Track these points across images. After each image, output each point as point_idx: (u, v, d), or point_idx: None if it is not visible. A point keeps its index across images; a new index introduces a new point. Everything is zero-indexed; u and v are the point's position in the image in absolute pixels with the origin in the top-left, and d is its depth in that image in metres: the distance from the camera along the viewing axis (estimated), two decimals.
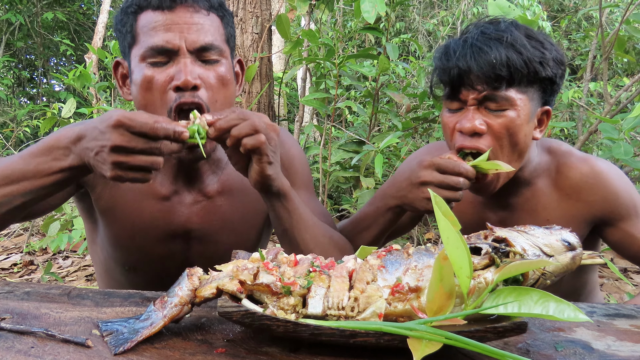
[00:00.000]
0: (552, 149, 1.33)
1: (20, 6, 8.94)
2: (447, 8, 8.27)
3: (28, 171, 0.95)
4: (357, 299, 0.77)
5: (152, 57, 1.06)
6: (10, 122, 7.71)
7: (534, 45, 1.16)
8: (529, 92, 1.17)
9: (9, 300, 0.92)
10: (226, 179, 1.26)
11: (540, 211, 1.30)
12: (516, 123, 1.16)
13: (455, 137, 1.21)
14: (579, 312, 0.71)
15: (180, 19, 1.05)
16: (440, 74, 1.21)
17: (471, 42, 1.17)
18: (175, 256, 1.25)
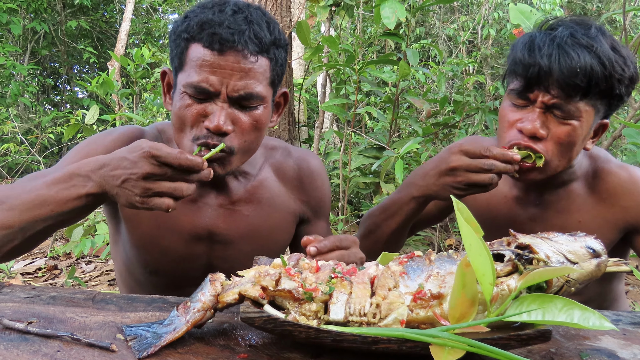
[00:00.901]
0: (592, 154, 1.32)
1: (45, 15, 9.10)
2: (468, 13, 8.24)
3: (49, 197, 0.97)
4: (379, 306, 0.77)
5: (192, 92, 1.08)
6: (35, 128, 7.84)
7: (617, 60, 1.11)
8: (597, 105, 1.14)
9: (36, 304, 0.93)
10: (254, 190, 1.28)
11: (573, 212, 1.29)
12: (577, 133, 1.14)
13: (511, 133, 1.18)
14: (605, 320, 0.70)
15: (227, 64, 1.05)
16: (518, 67, 1.16)
17: (559, 42, 1.12)
18: (197, 259, 1.27)
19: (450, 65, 4.65)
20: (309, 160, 1.37)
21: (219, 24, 1.05)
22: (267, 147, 1.35)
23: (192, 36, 1.07)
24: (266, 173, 1.31)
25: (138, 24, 10.10)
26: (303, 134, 4.84)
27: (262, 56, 1.09)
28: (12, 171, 6.82)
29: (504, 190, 1.36)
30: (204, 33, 1.05)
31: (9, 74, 8.00)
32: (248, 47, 1.06)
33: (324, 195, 1.39)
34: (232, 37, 1.04)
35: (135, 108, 5.37)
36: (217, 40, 1.04)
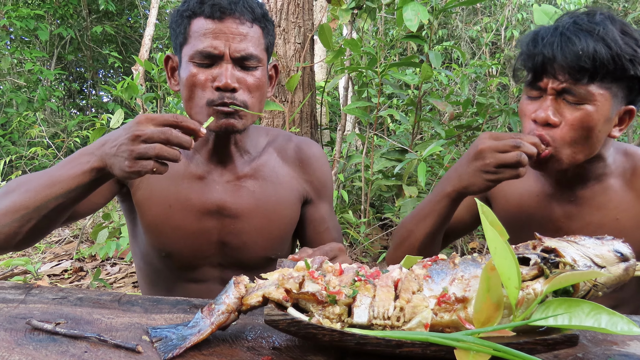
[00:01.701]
0: (629, 151, 1.30)
1: (71, 21, 9.25)
2: (491, 14, 8.17)
3: (59, 176, 1.06)
4: (403, 309, 0.77)
5: (199, 59, 1.21)
6: (61, 132, 7.97)
7: (627, 41, 1.11)
8: (613, 88, 1.13)
9: (63, 305, 0.95)
10: (258, 167, 1.37)
11: (611, 208, 1.26)
12: (593, 118, 1.13)
13: (527, 125, 1.20)
14: (633, 325, 0.69)
15: (227, 29, 1.20)
16: (525, 59, 1.19)
17: (561, 30, 1.14)
18: (208, 234, 1.33)
19: (473, 67, 4.61)
20: (309, 144, 1.47)
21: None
22: (270, 133, 1.46)
23: (194, 12, 1.22)
24: (269, 154, 1.40)
25: (162, 28, 10.21)
26: (325, 136, 4.84)
27: (255, 24, 1.24)
28: None
29: (537, 188, 1.34)
30: (205, 6, 1.20)
31: (36, 79, 8.15)
32: (244, 15, 1.21)
33: (325, 177, 1.47)
34: (229, 6, 1.20)
35: (159, 112, 5.43)
36: (218, 9, 1.19)
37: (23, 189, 1.09)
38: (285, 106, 3.37)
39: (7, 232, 1.08)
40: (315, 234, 1.44)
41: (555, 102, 1.15)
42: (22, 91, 8.01)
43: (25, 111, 7.29)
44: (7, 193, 1.11)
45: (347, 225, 3.55)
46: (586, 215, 1.27)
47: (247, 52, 1.21)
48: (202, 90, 1.21)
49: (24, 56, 7.99)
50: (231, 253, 1.34)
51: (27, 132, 6.44)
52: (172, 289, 1.38)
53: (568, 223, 1.29)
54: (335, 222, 1.50)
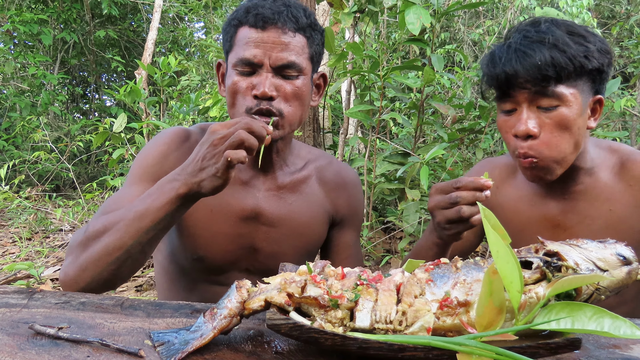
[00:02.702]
0: (614, 147, 1.35)
1: (75, 25, 9.28)
2: (493, 17, 8.17)
3: (145, 209, 1.09)
4: (405, 313, 0.77)
5: (240, 67, 1.24)
6: (64, 136, 8.00)
7: (577, 40, 1.18)
8: (579, 85, 1.19)
9: (66, 310, 0.95)
10: (298, 182, 1.41)
11: (603, 201, 1.30)
12: (569, 117, 1.18)
13: (512, 141, 1.24)
14: (636, 329, 0.69)
15: (269, 39, 1.22)
16: (489, 80, 1.25)
17: (515, 46, 1.20)
18: (243, 239, 1.35)
19: (475, 70, 4.61)
20: (348, 172, 1.51)
21: (261, 7, 1.23)
22: (312, 152, 1.49)
23: (240, 21, 1.25)
24: (310, 172, 1.44)
25: (165, 32, 10.24)
26: (328, 140, 4.84)
27: (299, 34, 1.25)
28: (42, 178, 6.96)
29: (530, 191, 1.38)
30: (250, 15, 1.23)
31: (39, 83, 8.18)
32: (287, 25, 1.23)
33: (357, 205, 1.51)
34: (272, 16, 1.22)
35: (162, 116, 5.44)
36: (260, 18, 1.22)
37: (112, 230, 1.09)
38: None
39: (107, 277, 1.10)
40: (337, 259, 1.47)
41: (531, 112, 1.20)
42: (25, 95, 8.04)
43: (28, 115, 7.32)
44: (96, 237, 1.11)
45: None
46: (581, 210, 1.31)
47: (288, 61, 1.23)
48: (243, 98, 1.24)
49: (28, 60, 8.03)
50: (261, 259, 1.37)
51: (31, 137, 6.46)
52: (193, 288, 1.39)
53: (565, 219, 1.33)
54: (359, 254, 1.52)
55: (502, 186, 1.44)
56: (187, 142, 1.33)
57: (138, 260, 1.13)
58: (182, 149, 1.32)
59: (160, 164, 1.29)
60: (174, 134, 1.34)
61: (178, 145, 1.32)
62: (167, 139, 1.33)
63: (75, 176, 6.57)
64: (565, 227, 1.33)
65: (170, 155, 1.30)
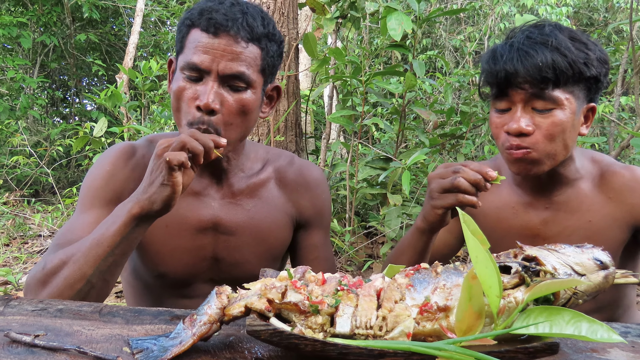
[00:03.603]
0: (596, 158, 1.37)
1: (55, 28, 9.18)
2: (474, 24, 8.25)
3: (102, 235, 1.07)
4: (385, 318, 0.77)
5: (187, 71, 1.18)
6: (44, 141, 7.90)
7: (578, 47, 1.20)
8: (575, 91, 1.21)
9: (43, 317, 0.94)
10: (255, 187, 1.36)
11: (583, 211, 1.32)
12: (563, 121, 1.20)
13: (501, 138, 1.25)
14: (613, 333, 0.69)
15: (220, 46, 1.16)
16: (488, 77, 1.26)
17: (517, 46, 1.21)
18: (203, 251, 1.32)
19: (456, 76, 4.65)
20: (311, 170, 1.44)
21: (216, 11, 1.16)
22: (271, 152, 1.43)
23: (193, 22, 1.19)
24: (268, 174, 1.39)
25: (146, 36, 10.17)
26: (310, 145, 4.85)
27: (253, 44, 1.18)
28: (21, 183, 6.86)
29: (513, 200, 1.39)
30: (203, 18, 1.17)
31: (18, 87, 8.07)
32: (240, 33, 1.16)
33: (322, 204, 1.45)
34: (226, 22, 1.15)
35: (143, 120, 5.40)
36: (213, 24, 1.15)
37: (70, 262, 1.07)
38: (270, 114, 3.37)
39: None
40: (305, 261, 1.43)
41: (525, 112, 1.21)
42: (4, 99, 7.93)
43: (7, 119, 7.21)
44: (55, 272, 1.09)
45: (331, 233, 3.55)
46: (561, 220, 1.33)
47: (237, 71, 1.17)
48: (187, 107, 1.18)
49: (6, 64, 7.91)
50: (224, 269, 1.34)
51: (9, 141, 6.37)
52: (160, 303, 1.37)
53: (545, 229, 1.35)
54: (328, 253, 1.47)
55: (485, 194, 1.44)
56: (132, 159, 1.29)
57: (102, 290, 1.11)
58: (128, 166, 1.28)
59: (108, 185, 1.26)
60: (118, 152, 1.30)
61: (124, 163, 1.28)
62: (112, 158, 1.29)
63: (55, 181, 6.50)
64: (545, 237, 1.35)
65: (117, 174, 1.27)
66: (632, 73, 3.25)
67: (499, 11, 7.34)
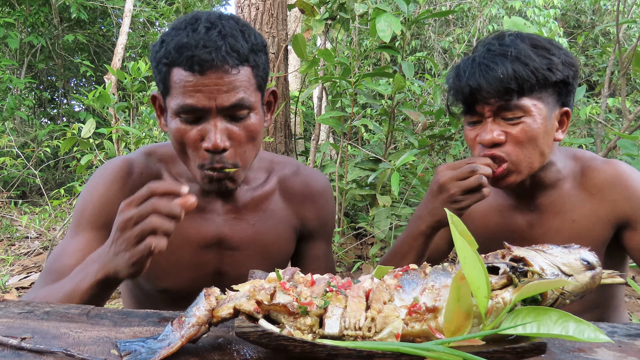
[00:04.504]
0: (577, 155, 1.38)
1: (42, 29, 9.12)
2: (463, 26, 8.29)
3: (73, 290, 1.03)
4: (374, 319, 0.77)
5: (184, 114, 1.10)
6: (31, 142, 7.84)
7: (540, 53, 1.20)
8: (543, 97, 1.21)
9: (30, 320, 0.93)
10: (259, 200, 1.32)
11: (566, 212, 1.33)
12: (533, 128, 1.21)
13: (477, 149, 1.26)
14: (600, 333, 0.70)
15: (211, 82, 1.07)
16: (455, 94, 1.27)
17: (479, 60, 1.22)
18: (206, 266, 1.29)
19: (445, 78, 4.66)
20: (317, 180, 1.40)
21: (195, 46, 1.05)
22: (276, 161, 1.39)
23: (172, 61, 1.08)
24: (272, 185, 1.35)
25: (135, 37, 10.13)
26: (299, 146, 4.84)
27: (242, 66, 1.10)
28: (8, 185, 6.81)
29: (498, 203, 1.41)
30: (182, 57, 1.06)
31: (5, 88, 8.00)
32: (227, 62, 1.07)
33: (326, 216, 1.42)
34: (210, 56, 1.05)
35: (132, 121, 5.38)
36: (197, 62, 1.05)
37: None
38: None
39: None
40: (306, 271, 1.38)
41: (495, 123, 1.22)
42: None
43: None
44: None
45: None
46: (545, 222, 1.35)
47: (237, 100, 1.09)
48: (193, 150, 1.12)
49: None
50: (227, 283, 1.29)
51: None
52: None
53: (530, 231, 1.36)
54: (330, 263, 1.45)
55: None
56: (129, 179, 1.24)
57: None
58: (125, 188, 1.23)
59: (102, 210, 1.21)
60: (113, 173, 1.24)
61: (120, 185, 1.23)
62: (107, 180, 1.24)
63: (42, 182, 6.45)
64: (531, 239, 1.35)
65: (112, 198, 1.22)
66: (618, 75, 3.28)
67: (487, 13, 7.37)
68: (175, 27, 1.11)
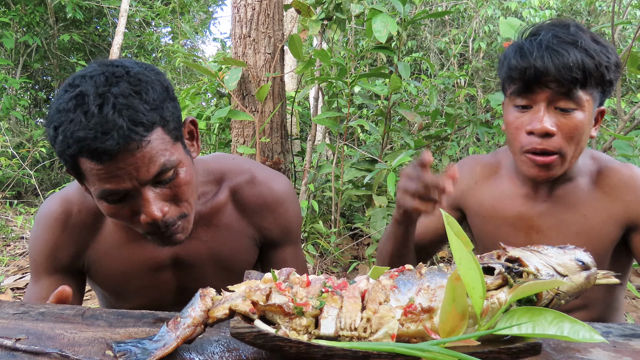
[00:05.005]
0: (595, 155, 1.39)
1: (38, 29, 9.09)
2: (459, 26, 8.30)
3: None
4: (370, 320, 0.77)
5: (110, 197, 1.02)
6: (26, 142, 7.82)
7: (601, 49, 1.21)
8: (594, 93, 1.22)
9: (24, 320, 0.93)
10: (210, 215, 1.27)
11: (579, 206, 1.34)
12: (584, 123, 1.22)
13: (523, 138, 1.24)
14: (595, 333, 0.70)
15: (124, 164, 0.97)
16: (514, 72, 1.23)
17: (546, 44, 1.20)
18: (166, 285, 1.31)
19: (441, 78, 4.67)
20: (272, 189, 1.31)
21: (93, 137, 0.94)
22: (228, 170, 1.31)
23: (74, 154, 0.97)
24: (224, 197, 1.29)
25: (131, 37, 10.11)
26: (295, 146, 4.84)
27: (151, 132, 0.99)
28: (3, 185, 6.78)
29: (510, 191, 1.40)
30: (85, 151, 0.95)
31: (0, 88, 7.98)
32: (134, 139, 0.96)
33: (288, 223, 1.35)
34: (115, 145, 0.94)
35: None
36: (101, 152, 0.95)
37: None
38: (256, 116, 3.37)
39: None
40: None
41: (548, 113, 1.21)
42: None
43: None
44: None
45: (317, 235, 3.55)
46: (558, 213, 1.34)
47: (159, 169, 1.01)
48: (132, 223, 1.07)
49: None
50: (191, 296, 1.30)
51: None
52: None
53: (540, 221, 1.36)
54: (299, 264, 1.40)
55: (483, 184, 1.46)
56: (70, 218, 1.23)
57: None
58: (67, 228, 1.23)
59: (53, 254, 1.24)
60: (53, 218, 1.23)
61: (63, 227, 1.23)
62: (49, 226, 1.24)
63: (38, 183, 6.43)
64: (539, 230, 1.36)
65: (58, 241, 1.24)
66: None
67: (483, 14, 7.38)
68: (63, 109, 0.96)
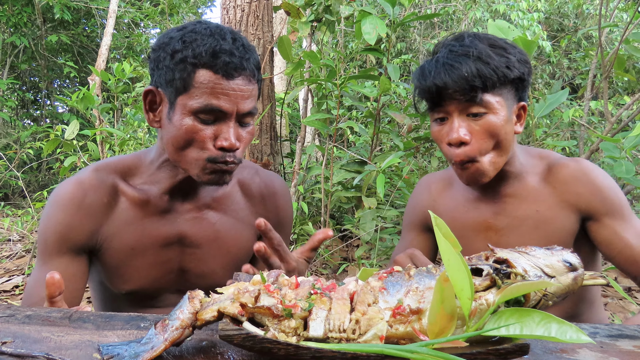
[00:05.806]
0: (543, 154, 1.44)
1: (25, 29, 9.03)
2: (448, 29, 8.34)
3: None
4: (359, 321, 0.77)
5: (204, 115, 1.16)
6: (13, 143, 7.75)
7: (498, 52, 1.28)
8: (503, 93, 1.29)
9: (10, 323, 0.92)
10: (220, 199, 1.38)
11: (530, 202, 1.39)
12: (497, 124, 1.28)
13: (446, 149, 1.33)
14: (582, 334, 0.70)
15: (237, 87, 1.16)
16: (421, 93, 1.34)
17: (442, 61, 1.28)
18: (169, 264, 1.33)
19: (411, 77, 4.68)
20: (274, 181, 1.47)
21: (230, 53, 1.14)
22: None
23: (202, 63, 1.14)
24: (233, 187, 1.41)
25: (119, 38, 10.06)
26: (285, 148, 4.84)
27: (255, 79, 1.21)
28: None
29: (464, 196, 1.48)
30: (218, 61, 1.13)
31: None
32: (252, 74, 1.18)
33: (285, 214, 1.48)
34: (242, 65, 1.15)
35: (116, 123, 5.34)
36: (232, 68, 1.14)
37: None
38: None
39: None
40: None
41: (461, 120, 1.29)
42: None
43: None
44: None
45: (307, 236, 3.55)
46: (510, 211, 1.41)
47: (251, 109, 1.20)
48: (203, 145, 1.18)
49: None
50: (191, 280, 1.35)
51: None
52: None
53: (496, 221, 1.42)
54: None
55: (439, 198, 1.54)
56: (85, 197, 1.26)
57: None
58: (83, 207, 1.26)
59: (66, 235, 1.24)
60: (68, 197, 1.26)
61: (77, 206, 1.25)
62: (64, 205, 1.25)
63: (25, 184, 6.38)
64: (497, 229, 1.42)
65: (72, 221, 1.25)
66: (601, 78, 3.31)
67: (472, 16, 7.43)
68: (201, 32, 1.16)
